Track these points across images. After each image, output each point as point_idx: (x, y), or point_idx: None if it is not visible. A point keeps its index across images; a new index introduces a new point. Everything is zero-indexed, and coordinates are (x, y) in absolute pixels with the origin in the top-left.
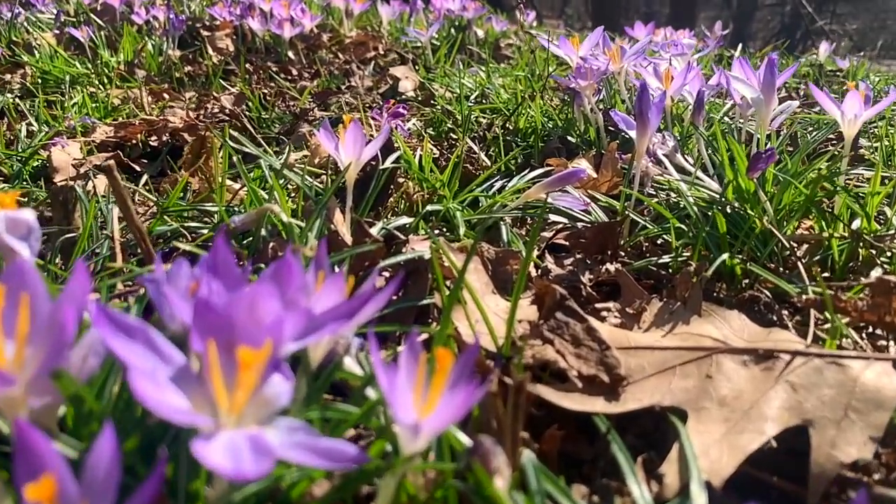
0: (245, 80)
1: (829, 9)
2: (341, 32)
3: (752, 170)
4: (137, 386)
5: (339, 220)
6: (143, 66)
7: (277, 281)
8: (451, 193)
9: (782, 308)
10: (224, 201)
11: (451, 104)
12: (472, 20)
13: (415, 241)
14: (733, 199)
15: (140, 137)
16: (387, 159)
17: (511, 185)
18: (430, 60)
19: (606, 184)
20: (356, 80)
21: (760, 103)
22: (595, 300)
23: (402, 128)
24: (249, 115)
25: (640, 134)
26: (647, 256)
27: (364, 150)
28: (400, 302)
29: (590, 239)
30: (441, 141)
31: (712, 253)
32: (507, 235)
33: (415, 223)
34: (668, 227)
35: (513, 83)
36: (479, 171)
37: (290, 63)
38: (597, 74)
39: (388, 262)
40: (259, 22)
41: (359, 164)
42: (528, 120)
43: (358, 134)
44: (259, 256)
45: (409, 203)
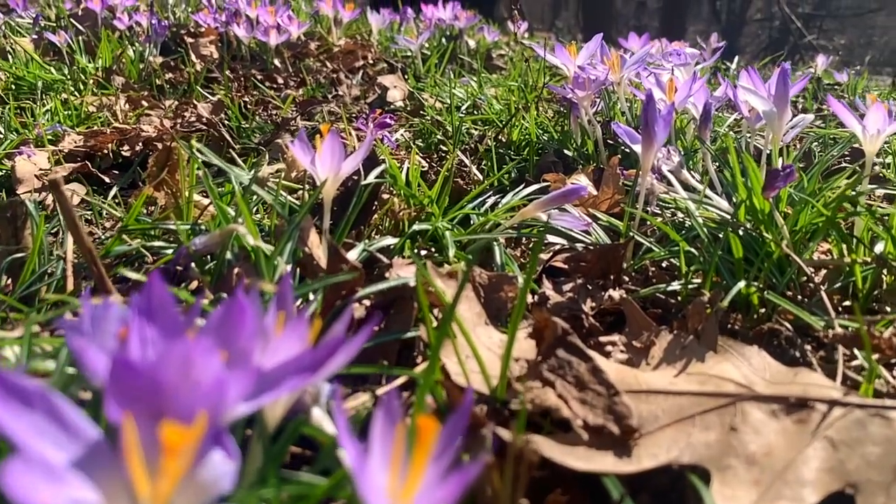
0: (227, 87)
1: (817, 24)
2: (330, 41)
3: (768, 189)
4: (11, 480)
5: (315, 243)
6: (123, 73)
7: (226, 327)
8: (440, 211)
9: (805, 342)
10: (191, 218)
11: (442, 114)
12: (463, 30)
13: (399, 266)
14: (746, 221)
15: (111, 147)
16: (370, 173)
17: (505, 202)
18: (421, 70)
19: (607, 201)
20: (343, 90)
21: (773, 116)
22: (598, 331)
23: (389, 139)
24: (229, 124)
25: (645, 148)
26: (653, 282)
27: (343, 164)
28: (382, 334)
29: (591, 262)
30: (430, 153)
31: (725, 279)
32: (500, 258)
33: (400, 244)
34: (676, 249)
35: (505, 93)
36: (470, 186)
37: (276, 71)
38: (595, 85)
39: (367, 290)
40: (244, 29)
41: (337, 180)
42: (521, 132)
43: (336, 146)
44: (222, 283)
45: (394, 221)
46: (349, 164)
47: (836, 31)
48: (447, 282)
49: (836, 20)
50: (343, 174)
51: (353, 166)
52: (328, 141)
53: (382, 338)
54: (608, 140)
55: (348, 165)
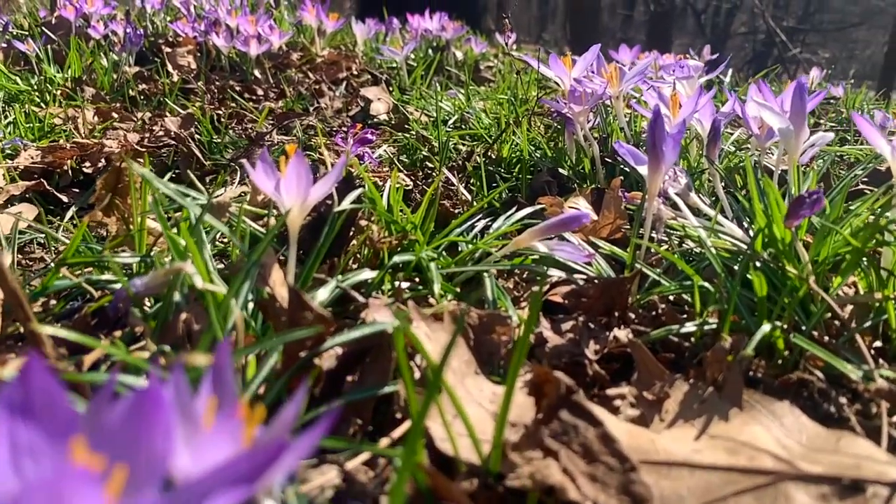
0: (202, 99)
1: (800, 38)
2: (313, 51)
3: (792, 217)
4: None
5: (278, 281)
6: (93, 84)
7: (131, 429)
8: (424, 238)
9: (839, 393)
10: (143, 249)
11: (428, 129)
12: (450, 41)
13: (376, 306)
14: (763, 251)
15: (71, 163)
16: (346, 198)
17: (496, 228)
18: (406, 82)
19: (608, 227)
20: (325, 102)
21: (790, 135)
22: (604, 380)
23: (370, 156)
24: (200, 138)
25: (652, 171)
26: (662, 320)
27: (311, 190)
28: (355, 390)
29: (593, 298)
30: (415, 170)
31: (744, 318)
32: (492, 292)
33: (379, 277)
34: (688, 284)
35: (494, 107)
36: (458, 209)
37: (256, 82)
38: (593, 99)
39: (337, 340)
40: (224, 38)
41: (305, 208)
42: (512, 148)
43: (302, 170)
44: (168, 331)
45: (373, 250)
46: (318, 190)
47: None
48: (432, 325)
49: (819, 34)
50: (311, 202)
51: (324, 192)
52: (293, 164)
53: (355, 394)
54: (606, 158)
55: (317, 192)
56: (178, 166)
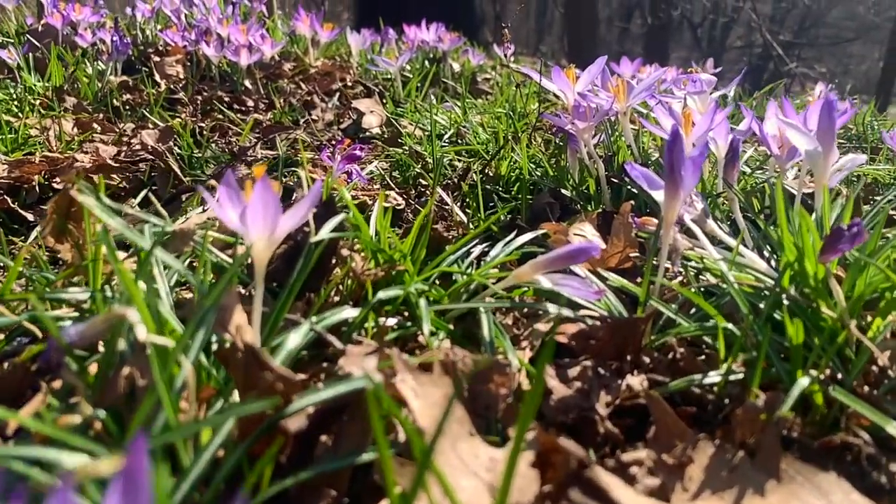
0: (186, 110)
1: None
2: (306, 62)
3: (828, 251)
4: None
5: (241, 326)
6: (76, 93)
7: None
8: (414, 268)
9: (889, 459)
10: (98, 281)
11: (422, 143)
12: (447, 52)
13: (354, 356)
14: (790, 287)
15: (39, 178)
16: (325, 226)
17: (494, 256)
18: (400, 94)
19: (617, 256)
20: (317, 114)
21: (817, 157)
22: (616, 440)
23: (360, 173)
24: (180, 152)
25: (669, 197)
26: (678, 364)
27: (280, 220)
28: (328, 458)
29: (603, 340)
30: (408, 188)
31: (774, 366)
32: (489, 330)
33: (361, 316)
34: (710, 326)
35: (491, 121)
36: (452, 233)
37: (246, 93)
38: (599, 115)
39: (305, 401)
40: (214, 48)
41: (273, 242)
42: (511, 165)
43: (269, 198)
44: (108, 389)
45: (357, 282)
46: (288, 222)
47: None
48: (420, 377)
49: (815, 49)
50: (280, 234)
51: (295, 223)
52: (258, 192)
53: (328, 464)
54: (611, 178)
55: (287, 223)
56: (155, 182)
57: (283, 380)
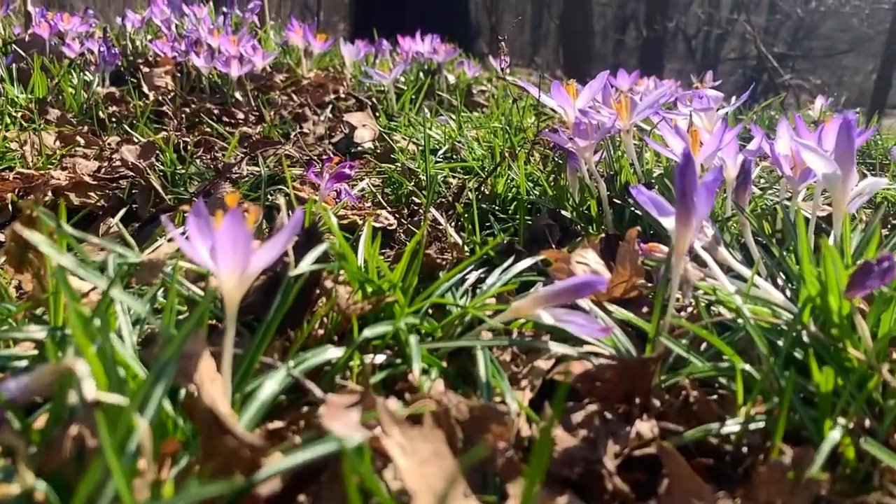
0: (173, 123)
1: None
2: (299, 73)
3: (856, 287)
4: None
5: (207, 375)
6: (61, 105)
7: None
8: (405, 298)
9: None
10: (59, 317)
11: (415, 159)
12: (442, 64)
13: (335, 408)
14: (810, 323)
15: (12, 196)
16: (306, 257)
17: (491, 284)
18: (394, 106)
19: (622, 286)
20: (309, 127)
21: (836, 180)
22: (626, 497)
23: (349, 192)
24: (163, 168)
25: (680, 225)
26: (692, 408)
27: (253, 257)
28: None
29: (611, 382)
30: (400, 206)
31: (798, 412)
32: (485, 370)
33: (345, 357)
34: (725, 367)
35: (488, 135)
36: (445, 256)
37: (237, 105)
38: (601, 132)
39: (276, 468)
40: (204, 59)
41: (246, 280)
42: (508, 183)
43: (239, 233)
44: (53, 452)
45: (342, 316)
46: (263, 257)
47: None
48: (409, 431)
49: (808, 60)
50: (254, 271)
51: (270, 259)
52: (227, 226)
53: None
54: (613, 198)
55: (262, 258)
56: (135, 200)
57: (249, 446)
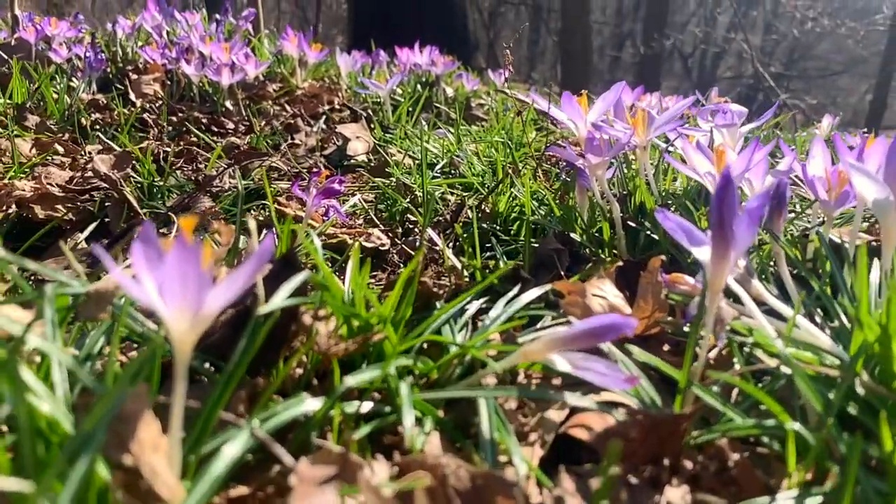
0: (153, 132)
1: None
2: (292, 83)
3: None
4: None
5: (147, 443)
6: (42, 111)
7: None
8: (396, 334)
9: None
10: None
11: (412, 173)
12: (440, 76)
13: (305, 484)
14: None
15: None
16: (280, 290)
17: (494, 318)
18: (390, 118)
19: (643, 322)
20: (301, 138)
21: (888, 207)
22: None
23: (338, 209)
24: (141, 180)
25: (717, 257)
26: (730, 473)
27: (208, 296)
28: None
29: (636, 441)
30: (394, 224)
31: (860, 484)
32: (489, 422)
33: (324, 410)
34: (772, 426)
35: (487, 150)
36: (443, 281)
37: (227, 114)
38: (615, 148)
39: None
40: (195, 66)
41: (200, 322)
42: (510, 201)
43: (189, 269)
44: None
45: (322, 357)
46: (222, 295)
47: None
48: None
49: (803, 81)
50: (210, 312)
51: (232, 295)
52: (175, 259)
53: None
54: (627, 220)
55: (220, 297)
56: (107, 214)
57: None
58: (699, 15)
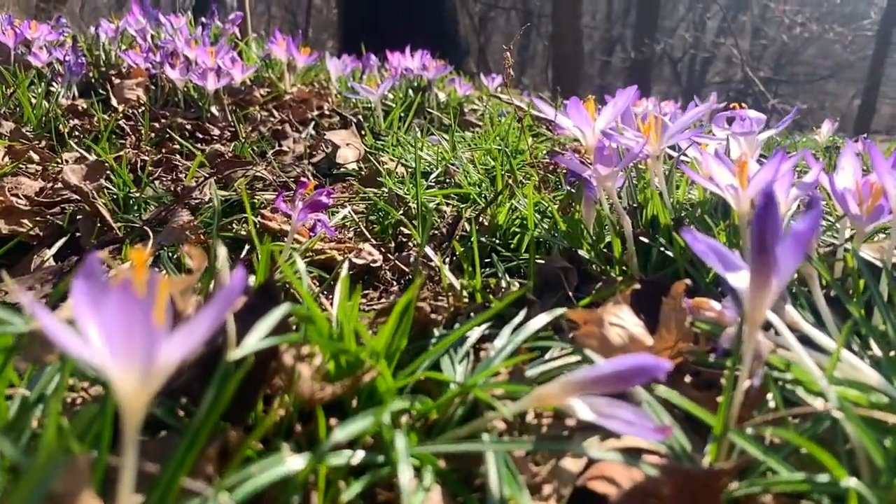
0: (134, 139)
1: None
2: (281, 88)
3: None
4: None
5: None
6: (17, 117)
7: None
8: (389, 370)
9: None
10: None
11: (404, 183)
12: (432, 81)
13: None
14: None
15: None
16: (255, 329)
17: (499, 350)
18: (381, 125)
19: (666, 353)
20: (289, 145)
21: None
22: None
23: (326, 224)
24: (116, 192)
25: (757, 286)
26: None
27: (162, 348)
28: None
29: (668, 499)
30: (386, 239)
31: None
32: (497, 476)
33: (307, 471)
34: (825, 483)
35: (483, 157)
36: (440, 305)
37: (212, 121)
38: (626, 158)
39: None
40: (178, 71)
41: (153, 378)
42: (510, 213)
43: (135, 316)
44: None
45: (305, 404)
46: (179, 346)
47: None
48: None
49: (791, 85)
50: (165, 365)
51: (191, 345)
52: (117, 304)
53: None
54: (639, 235)
55: (178, 347)
56: (78, 229)
57: None
58: (688, 20)
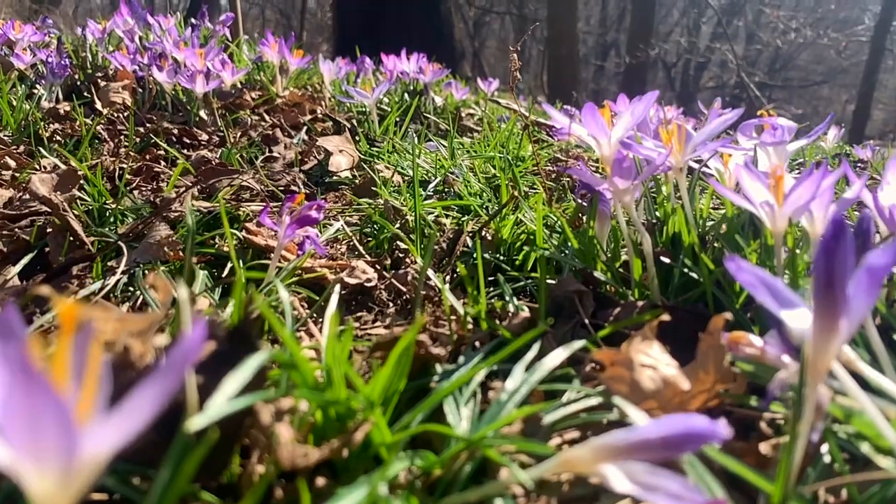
0: (112, 146)
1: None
2: (273, 91)
3: None
4: None
5: None
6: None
7: None
8: (384, 419)
9: None
10: None
11: (401, 192)
12: (429, 84)
13: None
14: None
15: None
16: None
17: (511, 392)
18: (377, 130)
19: (703, 395)
20: (280, 151)
21: None
22: None
23: (316, 240)
24: (90, 203)
25: (822, 328)
26: None
27: (85, 439)
28: None
29: None
30: (381, 254)
31: None
32: None
33: None
34: None
35: (483, 164)
36: (441, 333)
37: (201, 125)
38: (646, 171)
39: None
40: (167, 73)
41: (74, 478)
42: (515, 227)
43: (47, 401)
44: None
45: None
46: (112, 432)
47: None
48: None
49: (785, 90)
50: (92, 458)
51: (126, 433)
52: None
53: None
54: (659, 255)
55: (106, 439)
56: (47, 244)
57: None
58: (683, 24)
